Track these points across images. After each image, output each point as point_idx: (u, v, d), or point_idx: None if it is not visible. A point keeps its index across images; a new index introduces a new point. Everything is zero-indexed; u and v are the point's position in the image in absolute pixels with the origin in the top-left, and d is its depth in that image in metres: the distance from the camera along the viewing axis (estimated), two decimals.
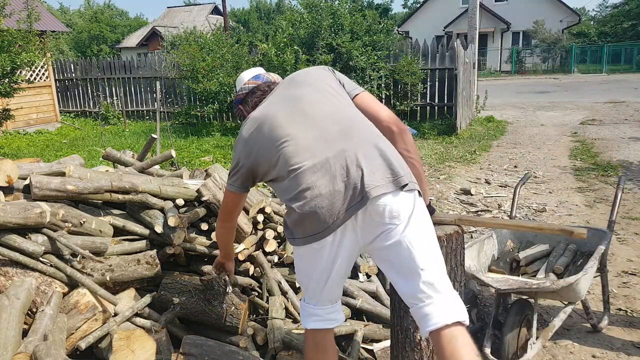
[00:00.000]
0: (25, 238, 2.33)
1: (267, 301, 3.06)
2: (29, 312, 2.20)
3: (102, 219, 2.70)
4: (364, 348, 2.68)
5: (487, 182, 6.43)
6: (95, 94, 13.75)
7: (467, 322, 1.61)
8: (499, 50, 30.72)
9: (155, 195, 2.89)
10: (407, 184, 1.65)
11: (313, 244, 1.71)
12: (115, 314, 2.39)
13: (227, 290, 2.58)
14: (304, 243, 1.74)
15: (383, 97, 10.59)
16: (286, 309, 2.89)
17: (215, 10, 35.12)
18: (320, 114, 1.80)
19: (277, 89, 2.02)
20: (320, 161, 1.68)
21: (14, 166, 2.60)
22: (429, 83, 10.47)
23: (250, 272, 3.11)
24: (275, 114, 1.84)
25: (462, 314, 1.60)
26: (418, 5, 34.53)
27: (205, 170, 3.49)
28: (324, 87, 1.92)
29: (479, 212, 5.23)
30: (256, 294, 3.13)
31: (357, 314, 2.98)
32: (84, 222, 2.54)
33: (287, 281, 3.19)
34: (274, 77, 2.15)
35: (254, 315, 2.95)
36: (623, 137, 8.88)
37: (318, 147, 1.72)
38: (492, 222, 2.83)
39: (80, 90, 14.03)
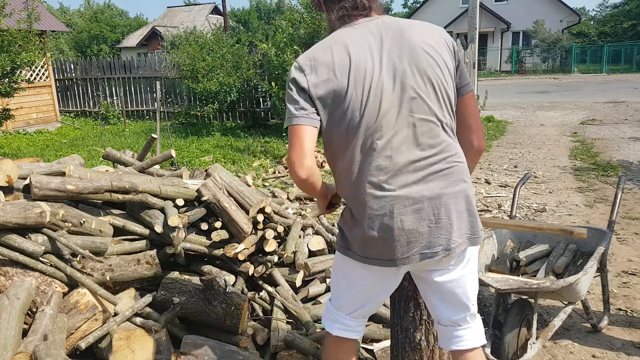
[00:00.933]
0: (25, 238, 2.33)
1: (270, 302, 3.06)
2: (29, 312, 2.20)
3: (102, 219, 2.70)
4: (364, 348, 2.68)
5: (487, 182, 6.43)
6: (95, 93, 13.74)
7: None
8: (499, 50, 30.74)
9: (155, 195, 2.89)
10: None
11: (369, 265, 1.63)
12: (115, 314, 2.39)
13: (227, 290, 2.58)
14: (360, 261, 1.64)
15: None
16: (286, 308, 2.89)
17: (215, 10, 35.12)
18: (423, 128, 1.55)
19: (381, 29, 1.59)
20: (413, 198, 1.54)
21: (14, 166, 2.60)
22: None
23: (250, 272, 3.11)
24: (379, 81, 1.53)
25: (484, 338, 1.77)
26: (418, 5, 34.53)
27: (205, 170, 3.49)
28: (436, 79, 1.57)
29: (479, 212, 5.23)
30: (257, 295, 3.13)
31: None
32: (84, 222, 2.54)
33: (287, 281, 3.20)
34: (378, 4, 1.68)
35: (254, 315, 2.95)
36: (623, 137, 8.88)
37: (413, 177, 1.54)
38: (492, 222, 2.83)
39: (80, 90, 14.03)
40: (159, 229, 2.74)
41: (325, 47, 1.60)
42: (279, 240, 3.30)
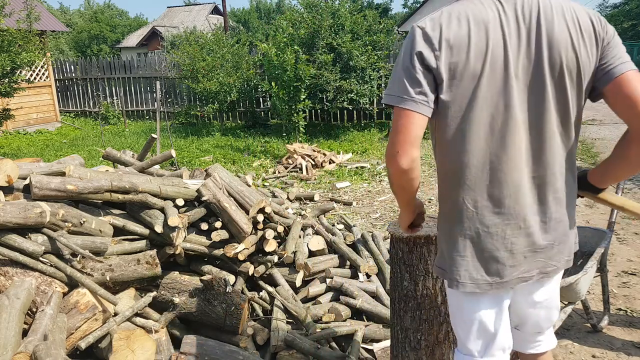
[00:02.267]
0: (25, 238, 2.33)
1: (270, 302, 3.06)
2: (29, 311, 2.20)
3: (102, 219, 2.70)
4: (364, 348, 2.67)
5: None
6: (95, 93, 13.74)
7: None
8: None
9: (155, 195, 2.89)
10: None
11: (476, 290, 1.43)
12: (115, 314, 2.38)
13: (227, 290, 2.58)
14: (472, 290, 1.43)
15: (383, 97, 10.58)
16: (286, 308, 2.89)
17: (215, 10, 35.11)
18: (549, 151, 1.36)
19: (524, 10, 1.33)
20: (515, 216, 1.38)
21: (14, 166, 2.60)
22: None
23: (250, 272, 3.11)
24: (509, 79, 1.31)
25: (555, 340, 1.72)
26: (418, 5, 34.52)
27: (205, 170, 3.49)
28: (572, 80, 1.34)
29: None
30: (257, 295, 3.13)
31: (357, 314, 2.98)
32: (84, 222, 2.54)
33: (287, 281, 3.20)
34: None
35: (254, 315, 2.95)
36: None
37: (524, 197, 1.37)
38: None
39: (80, 90, 14.03)
40: (159, 229, 2.74)
41: (461, 20, 1.31)
42: (279, 240, 3.30)
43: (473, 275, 1.40)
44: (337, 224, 4.24)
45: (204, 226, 3.04)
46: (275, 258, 3.24)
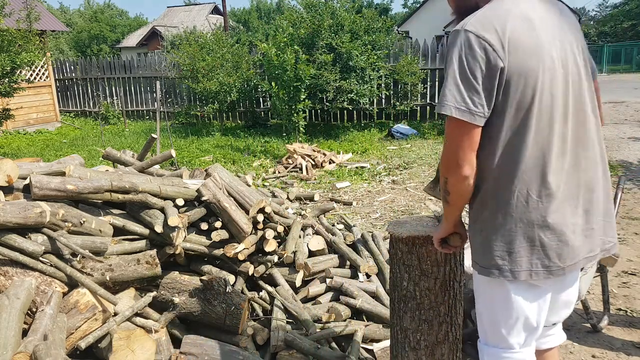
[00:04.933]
0: (25, 238, 2.33)
1: (270, 302, 3.06)
2: (29, 311, 2.20)
3: (102, 219, 2.70)
4: (364, 348, 2.67)
5: None
6: (95, 93, 13.74)
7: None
8: None
9: (155, 195, 2.89)
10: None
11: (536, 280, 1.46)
12: (115, 314, 2.38)
13: (227, 290, 2.58)
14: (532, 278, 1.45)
15: (383, 97, 10.59)
16: (286, 308, 2.89)
17: (215, 10, 35.11)
18: (589, 134, 1.44)
19: (559, 6, 1.43)
20: (572, 197, 1.43)
21: (14, 166, 2.60)
22: (429, 83, 10.47)
23: (250, 272, 3.11)
24: (557, 72, 1.36)
25: (564, 335, 1.77)
26: (418, 5, 34.51)
27: (205, 170, 3.49)
28: (588, 69, 1.46)
29: None
30: (257, 295, 3.13)
31: (357, 314, 2.98)
32: (84, 221, 2.54)
33: (287, 281, 3.20)
34: None
35: (254, 315, 2.95)
36: (623, 137, 8.87)
37: (577, 179, 1.44)
38: None
39: (80, 90, 14.03)
40: (159, 228, 2.74)
41: (510, 18, 1.32)
42: (279, 240, 3.30)
43: (545, 263, 1.42)
44: (337, 224, 4.24)
45: (204, 226, 3.04)
46: (275, 258, 3.24)
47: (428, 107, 10.69)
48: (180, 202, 2.98)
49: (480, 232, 1.51)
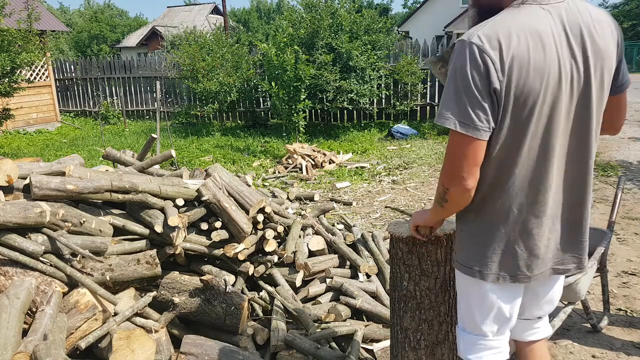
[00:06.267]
0: (25, 238, 2.33)
1: (270, 302, 3.06)
2: (29, 311, 2.20)
3: (102, 219, 2.70)
4: (364, 348, 2.67)
5: None
6: (95, 93, 13.74)
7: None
8: None
9: (155, 195, 2.89)
10: None
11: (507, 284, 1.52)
12: (115, 314, 2.39)
13: (227, 290, 2.58)
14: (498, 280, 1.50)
15: (383, 97, 10.59)
16: (286, 308, 2.89)
17: (215, 10, 35.11)
18: (586, 153, 1.44)
19: (570, 22, 1.33)
20: (555, 217, 1.47)
21: (14, 166, 2.60)
22: (429, 83, 10.47)
23: (250, 272, 3.11)
24: (562, 93, 1.33)
25: (551, 329, 1.83)
26: (418, 5, 34.51)
27: (205, 170, 3.49)
28: (606, 89, 1.43)
29: None
30: (257, 295, 3.13)
31: (357, 314, 2.98)
32: (84, 221, 2.54)
33: (287, 281, 3.20)
34: None
35: (254, 315, 2.95)
36: (623, 137, 8.87)
37: (564, 198, 1.47)
38: None
39: (80, 90, 14.03)
40: (159, 228, 2.74)
41: (519, 34, 1.28)
42: (279, 240, 3.30)
43: (513, 272, 1.48)
44: (337, 224, 4.23)
45: (204, 226, 3.04)
46: (275, 258, 3.24)
47: (428, 107, 10.69)
48: (180, 202, 2.98)
49: (461, 231, 1.57)
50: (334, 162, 7.56)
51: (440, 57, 1.88)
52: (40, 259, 2.33)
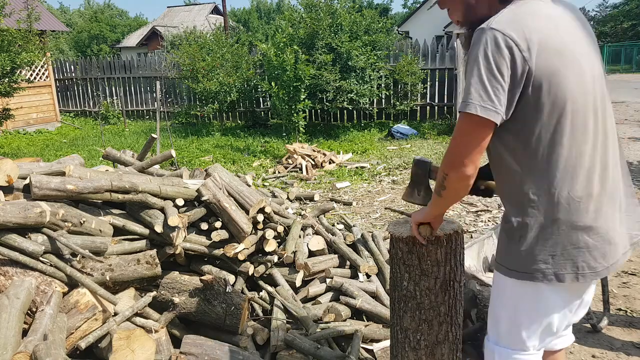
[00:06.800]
0: (25, 238, 2.33)
1: (270, 302, 3.06)
2: (29, 311, 2.20)
3: (102, 219, 2.70)
4: (364, 348, 2.67)
5: None
6: (95, 93, 13.74)
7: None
8: None
9: (155, 195, 2.89)
10: None
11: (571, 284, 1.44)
12: (115, 314, 2.39)
13: (227, 290, 2.58)
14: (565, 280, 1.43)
15: (383, 97, 10.59)
16: (286, 308, 2.89)
17: (215, 10, 35.11)
18: (613, 130, 1.47)
19: (575, 12, 1.44)
20: (610, 195, 1.44)
21: (13, 166, 2.60)
22: (429, 83, 10.47)
23: (250, 272, 3.11)
24: (584, 71, 1.37)
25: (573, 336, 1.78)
26: (418, 5, 34.52)
27: (205, 170, 3.49)
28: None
29: (479, 212, 5.23)
30: (257, 295, 3.13)
31: (357, 314, 2.98)
32: (84, 221, 2.54)
33: (287, 281, 3.20)
34: None
35: (254, 315, 2.95)
36: (623, 137, 8.88)
37: (611, 175, 1.44)
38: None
39: (80, 90, 14.03)
40: (159, 228, 2.74)
41: (534, 17, 1.33)
42: (279, 240, 3.30)
43: (591, 264, 1.41)
44: (337, 224, 4.23)
45: (204, 226, 3.04)
46: (275, 258, 3.24)
47: (428, 107, 10.69)
48: (180, 202, 2.98)
49: (521, 237, 1.45)
50: (334, 162, 7.56)
51: (412, 184, 1.90)
52: (40, 259, 2.32)
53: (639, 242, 1.53)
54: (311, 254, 3.42)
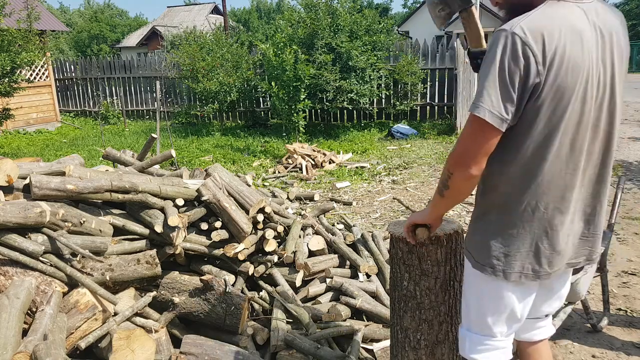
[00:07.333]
0: (25, 237, 2.33)
1: (270, 302, 3.06)
2: (29, 311, 2.20)
3: (102, 219, 2.70)
4: (364, 348, 2.68)
5: None
6: (95, 93, 13.74)
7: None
8: None
9: (155, 195, 2.89)
10: None
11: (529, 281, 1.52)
12: (115, 314, 2.39)
13: (227, 290, 2.58)
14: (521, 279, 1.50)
15: (383, 97, 10.59)
16: (286, 308, 2.89)
17: (215, 10, 35.11)
18: (610, 153, 1.48)
19: (599, 22, 1.36)
20: (577, 212, 1.49)
21: (13, 166, 2.60)
22: (429, 83, 10.47)
23: (250, 272, 3.11)
24: (595, 92, 1.36)
25: (553, 328, 1.83)
26: (418, 5, 34.51)
27: (205, 170, 3.49)
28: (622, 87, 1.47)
29: None
30: (257, 295, 3.13)
31: (357, 313, 2.98)
32: (84, 221, 2.54)
33: (287, 281, 3.20)
34: None
35: (254, 315, 2.95)
36: (623, 137, 8.87)
37: (586, 194, 1.48)
38: None
39: (80, 90, 14.03)
40: (159, 228, 2.74)
41: (561, 28, 1.29)
42: (279, 240, 3.30)
43: (535, 268, 1.48)
44: (337, 224, 4.23)
45: (204, 226, 3.04)
46: (275, 258, 3.24)
47: (428, 107, 10.69)
48: (180, 202, 2.98)
49: (484, 231, 1.53)
50: (334, 162, 7.56)
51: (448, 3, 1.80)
52: (40, 259, 2.32)
53: (595, 258, 1.59)
54: (311, 253, 3.42)
